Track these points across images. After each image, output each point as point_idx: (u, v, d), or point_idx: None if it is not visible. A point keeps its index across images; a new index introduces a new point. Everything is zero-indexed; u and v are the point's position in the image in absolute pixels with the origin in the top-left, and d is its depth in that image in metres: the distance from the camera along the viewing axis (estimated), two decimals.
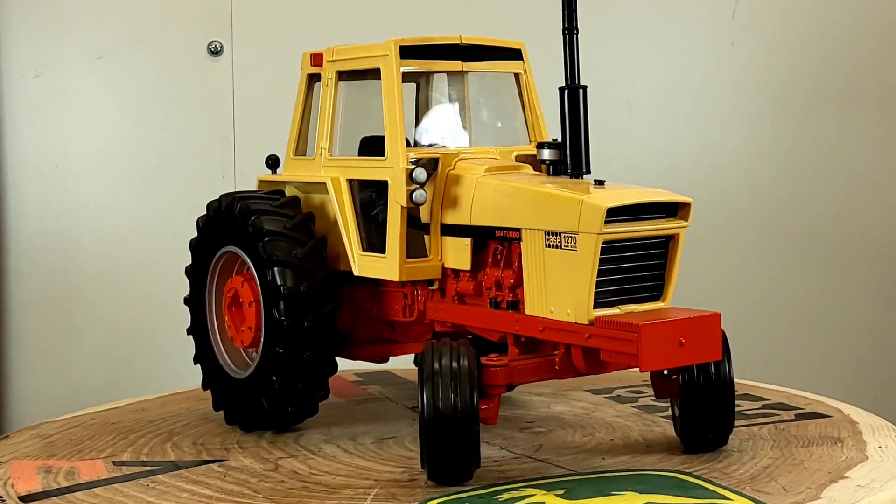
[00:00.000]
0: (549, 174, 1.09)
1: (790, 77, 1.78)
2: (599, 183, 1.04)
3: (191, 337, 1.26)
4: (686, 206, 1.02)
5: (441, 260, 1.14)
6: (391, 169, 1.12)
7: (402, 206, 1.11)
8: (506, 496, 0.96)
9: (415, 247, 1.14)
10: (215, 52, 1.75)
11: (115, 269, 1.76)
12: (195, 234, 1.28)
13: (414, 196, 1.10)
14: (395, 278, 1.13)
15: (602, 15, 1.77)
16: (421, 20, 1.74)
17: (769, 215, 1.79)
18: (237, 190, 1.25)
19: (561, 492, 0.96)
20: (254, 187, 1.29)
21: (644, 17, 1.78)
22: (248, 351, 1.22)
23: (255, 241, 1.16)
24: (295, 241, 1.16)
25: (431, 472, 1.00)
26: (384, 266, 1.14)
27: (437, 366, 0.98)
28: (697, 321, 0.99)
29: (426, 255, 1.14)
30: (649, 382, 1.13)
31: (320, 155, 1.22)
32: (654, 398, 1.15)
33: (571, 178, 1.06)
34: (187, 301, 1.28)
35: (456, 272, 1.13)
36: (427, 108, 1.27)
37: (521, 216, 1.06)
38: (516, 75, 1.22)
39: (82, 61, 1.75)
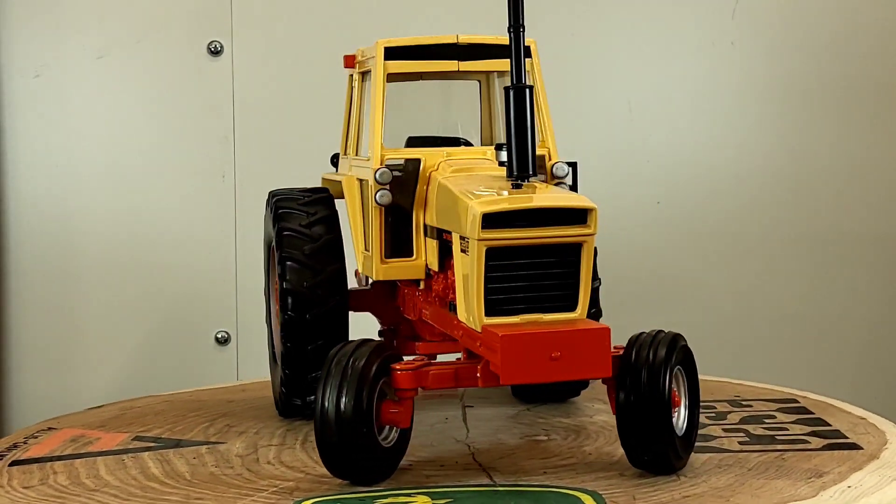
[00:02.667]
0: (507, 176, 1.06)
1: (790, 77, 1.78)
2: (517, 186, 1.01)
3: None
4: (592, 211, 0.98)
5: (426, 260, 1.14)
6: (370, 169, 1.14)
7: (374, 206, 1.12)
8: (387, 500, 0.96)
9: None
10: (215, 52, 1.75)
11: (116, 268, 1.76)
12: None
13: (377, 196, 1.11)
14: (373, 277, 1.15)
15: (602, 15, 1.77)
16: (431, 19, 1.74)
17: (770, 215, 1.79)
18: (287, 187, 1.27)
19: (442, 502, 0.94)
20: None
21: (644, 16, 1.78)
22: None
23: (276, 237, 1.20)
24: (308, 238, 1.18)
25: (331, 471, 1.00)
26: (370, 265, 1.16)
27: (332, 367, 0.98)
28: (575, 334, 0.94)
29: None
30: (742, 397, 1.11)
31: (348, 154, 1.26)
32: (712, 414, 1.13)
33: (517, 180, 1.02)
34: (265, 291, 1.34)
35: (437, 273, 1.13)
36: (489, 107, 1.28)
37: (448, 219, 1.05)
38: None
39: (82, 61, 1.75)
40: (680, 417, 1.02)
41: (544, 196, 1.00)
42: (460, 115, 1.33)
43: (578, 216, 0.98)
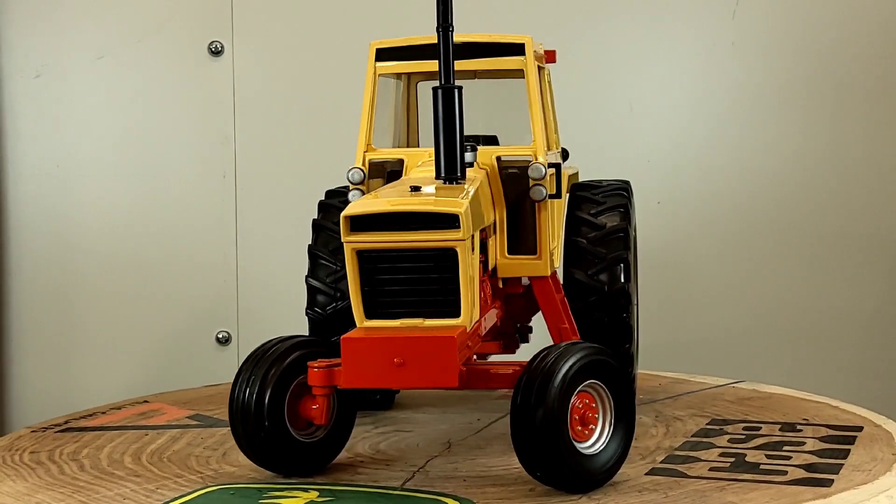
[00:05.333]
0: (435, 177, 1.05)
1: (791, 77, 1.78)
2: (415, 189, 1.00)
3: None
4: (460, 217, 0.96)
5: None
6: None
7: None
8: (278, 492, 0.97)
9: None
10: (215, 52, 1.75)
11: (117, 268, 1.76)
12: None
13: (349, 196, 1.12)
14: None
15: (603, 15, 1.77)
16: (433, 19, 1.74)
17: (771, 214, 1.79)
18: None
19: (322, 499, 0.95)
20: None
21: (645, 17, 1.77)
22: None
23: (311, 232, 1.23)
24: (337, 235, 1.20)
25: (252, 461, 1.03)
26: None
27: (248, 361, 1.01)
28: (416, 341, 0.93)
29: None
30: (809, 420, 1.10)
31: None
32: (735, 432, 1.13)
33: (446, 183, 1.02)
34: None
35: None
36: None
37: None
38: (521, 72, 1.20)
39: (82, 61, 1.75)
40: (600, 437, 0.97)
41: (415, 200, 0.98)
42: (507, 114, 1.31)
43: (449, 221, 0.96)
